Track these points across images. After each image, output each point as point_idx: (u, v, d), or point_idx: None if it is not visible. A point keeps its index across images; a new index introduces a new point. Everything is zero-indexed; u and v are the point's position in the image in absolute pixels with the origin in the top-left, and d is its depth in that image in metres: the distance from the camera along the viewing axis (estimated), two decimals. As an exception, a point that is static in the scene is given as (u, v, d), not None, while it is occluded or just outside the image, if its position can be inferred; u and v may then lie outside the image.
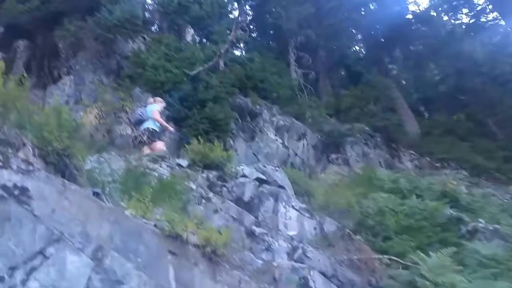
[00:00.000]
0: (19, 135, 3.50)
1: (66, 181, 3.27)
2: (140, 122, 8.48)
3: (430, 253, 5.99)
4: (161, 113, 8.88)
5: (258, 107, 14.06)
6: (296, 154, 13.70)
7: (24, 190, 2.76)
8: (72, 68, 12.25)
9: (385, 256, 6.21)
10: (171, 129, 9.18)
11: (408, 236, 6.97)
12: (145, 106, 8.82)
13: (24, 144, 3.48)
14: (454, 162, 14.65)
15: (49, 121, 3.89)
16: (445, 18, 19.89)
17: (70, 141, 4.06)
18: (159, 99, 9.14)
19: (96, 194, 3.63)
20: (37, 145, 3.68)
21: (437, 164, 14.85)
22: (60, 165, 3.82)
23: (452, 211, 8.34)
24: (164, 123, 8.75)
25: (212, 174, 7.18)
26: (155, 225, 3.55)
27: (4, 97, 3.52)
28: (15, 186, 2.72)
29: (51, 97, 11.16)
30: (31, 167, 2.98)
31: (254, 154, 12.71)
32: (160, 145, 8.29)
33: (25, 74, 5.15)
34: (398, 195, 8.83)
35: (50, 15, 12.06)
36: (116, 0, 12.46)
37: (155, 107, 8.67)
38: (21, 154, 3.29)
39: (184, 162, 7.34)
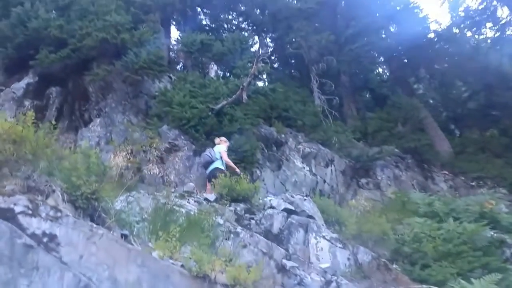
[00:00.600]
0: (49, 182, 3.61)
1: (94, 225, 3.32)
2: (209, 163, 8.85)
3: (473, 280, 5.68)
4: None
5: (283, 135, 14.07)
6: (324, 181, 13.50)
7: (52, 237, 2.81)
8: (102, 110, 12.70)
9: (425, 286, 5.93)
10: (238, 170, 9.31)
11: (448, 263, 6.65)
12: (212, 148, 9.28)
13: (53, 191, 3.58)
14: (490, 180, 14.05)
15: (77, 166, 4.00)
16: (469, 34, 19.54)
17: (99, 184, 4.15)
18: (223, 139, 9.70)
19: (124, 236, 3.66)
20: (66, 190, 3.78)
21: (473, 183, 14.28)
22: (89, 209, 3.89)
23: (493, 233, 7.93)
24: (232, 164, 9.13)
25: (240, 207, 7.15)
26: (182, 266, 3.53)
27: (34, 145, 3.66)
28: (44, 233, 2.79)
29: (83, 139, 11.57)
30: (59, 214, 3.05)
31: (282, 183, 12.61)
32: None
33: (53, 122, 5.36)
34: (434, 219, 8.49)
35: (80, 61, 12.67)
36: (142, 43, 12.98)
37: (222, 148, 9.19)
38: (50, 201, 3.38)
39: (211, 197, 7.37)
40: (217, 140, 9.64)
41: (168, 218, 4.98)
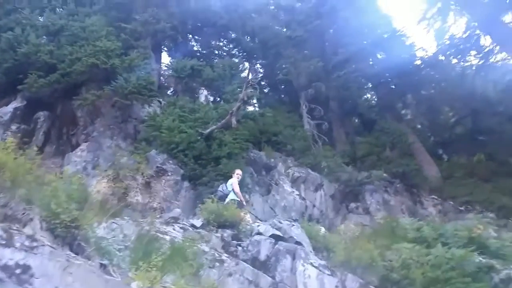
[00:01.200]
0: (27, 210, 3.53)
1: (71, 255, 3.23)
2: (223, 197, 9.13)
3: (462, 308, 5.60)
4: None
5: (272, 160, 14.08)
6: (314, 206, 13.44)
7: (26, 269, 2.73)
8: (90, 134, 12.64)
9: (413, 314, 5.82)
10: (244, 202, 9.70)
11: (437, 290, 6.57)
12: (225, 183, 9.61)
13: (31, 219, 3.49)
14: (479, 204, 14.09)
15: (58, 193, 3.93)
16: (454, 61, 19.96)
17: (80, 212, 4.07)
18: (237, 171, 9.90)
19: (103, 266, 3.56)
20: (45, 218, 3.70)
21: (461, 208, 14.30)
22: (68, 237, 3.79)
23: (481, 259, 7.90)
24: (241, 196, 9.40)
25: (227, 233, 7.05)
26: (162, 297, 3.43)
27: (14, 172, 3.59)
28: (17, 264, 2.70)
29: (70, 164, 11.44)
30: (35, 243, 2.97)
31: (271, 208, 12.52)
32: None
33: (40, 146, 5.31)
34: (422, 245, 8.45)
35: (69, 86, 12.71)
36: (132, 68, 13.07)
37: (233, 180, 9.48)
38: (27, 229, 3.29)
39: (198, 222, 7.27)
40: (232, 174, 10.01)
41: (151, 246, 4.87)
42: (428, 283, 6.68)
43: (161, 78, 17.56)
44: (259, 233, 7.10)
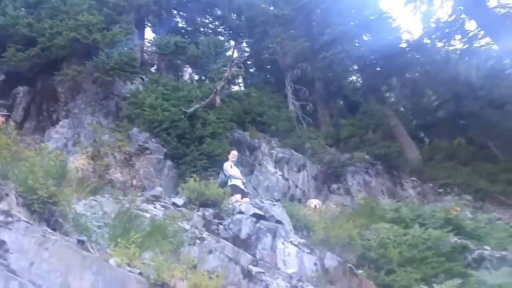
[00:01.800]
0: (2, 185, 3.47)
1: (48, 231, 3.21)
2: (224, 183, 9.02)
3: (435, 286, 5.81)
4: (235, 163, 9.61)
5: (256, 140, 14.08)
6: (296, 186, 13.58)
7: (1, 244, 2.70)
8: (71, 111, 12.39)
9: (389, 291, 6.01)
10: (245, 188, 9.62)
11: (412, 268, 6.78)
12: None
13: (7, 194, 3.43)
14: (457, 187, 14.49)
15: (35, 168, 3.86)
16: (439, 44, 20.12)
17: (57, 188, 4.02)
18: (233, 152, 9.84)
19: (81, 242, 3.55)
20: (21, 194, 3.64)
21: (440, 190, 14.68)
22: (46, 213, 3.75)
23: (456, 239, 8.17)
24: (238, 176, 9.35)
25: (208, 212, 7.05)
26: (140, 273, 3.44)
27: (-12, 147, 3.51)
28: (-9, 240, 2.67)
29: (50, 140, 11.25)
30: (10, 219, 2.93)
31: (254, 188, 12.59)
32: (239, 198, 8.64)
33: (19, 121, 5.19)
34: (400, 225, 8.67)
35: (50, 61, 12.34)
36: (114, 44, 12.76)
37: (226, 163, 9.36)
38: (3, 205, 3.24)
39: (179, 201, 7.25)
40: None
41: (130, 224, 4.86)
42: (404, 261, 6.88)
43: (144, 54, 17.24)
44: (240, 212, 7.14)
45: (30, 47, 11.95)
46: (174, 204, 7.11)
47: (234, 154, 9.81)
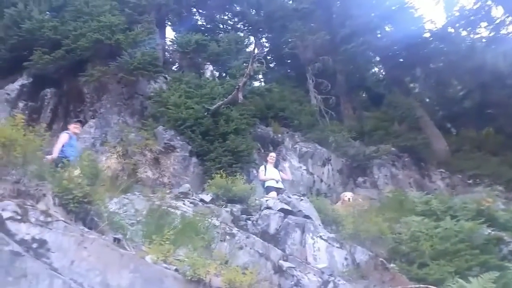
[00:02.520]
0: (39, 186, 3.54)
1: (85, 230, 3.26)
2: (263, 185, 9.27)
3: (470, 278, 5.64)
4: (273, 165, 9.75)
5: (279, 135, 14.05)
6: (321, 180, 13.46)
7: (42, 243, 2.75)
8: (97, 111, 12.62)
9: (422, 285, 5.87)
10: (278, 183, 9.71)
11: (445, 261, 6.60)
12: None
13: (44, 195, 3.51)
14: (487, 177, 14.07)
15: (69, 169, 3.93)
16: (464, 33, 19.52)
17: (91, 187, 4.08)
18: (271, 154, 10.04)
19: (117, 240, 3.60)
20: (57, 194, 3.71)
21: (470, 181, 14.29)
22: (81, 212, 3.82)
23: (490, 231, 7.91)
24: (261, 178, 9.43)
25: (236, 208, 7.09)
26: (176, 270, 3.46)
27: (24, 148, 3.59)
28: (33, 239, 2.72)
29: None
30: (49, 219, 2.99)
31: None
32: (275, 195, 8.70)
33: (47, 123, 5.30)
34: (431, 218, 8.46)
35: (74, 62, 12.58)
36: (137, 44, 12.92)
37: (260, 168, 9.63)
38: (41, 205, 3.31)
39: (207, 197, 7.30)
40: None
41: (162, 221, 4.92)
42: (436, 255, 6.71)
43: (166, 53, 17.37)
44: (268, 208, 7.13)
45: (56, 50, 12.22)
46: (202, 200, 7.17)
47: (272, 156, 9.79)
